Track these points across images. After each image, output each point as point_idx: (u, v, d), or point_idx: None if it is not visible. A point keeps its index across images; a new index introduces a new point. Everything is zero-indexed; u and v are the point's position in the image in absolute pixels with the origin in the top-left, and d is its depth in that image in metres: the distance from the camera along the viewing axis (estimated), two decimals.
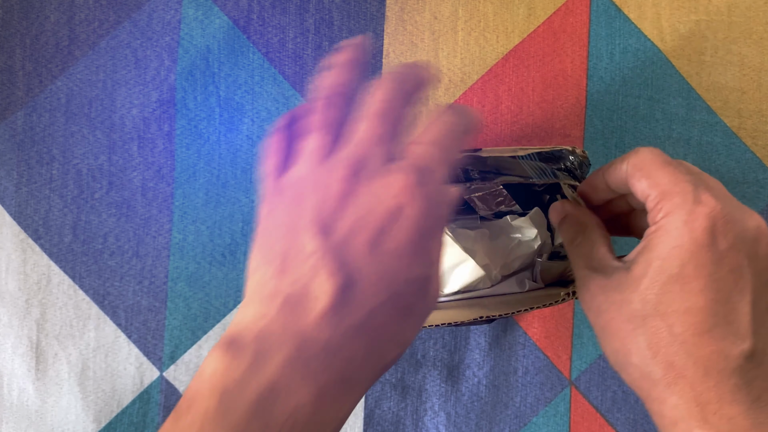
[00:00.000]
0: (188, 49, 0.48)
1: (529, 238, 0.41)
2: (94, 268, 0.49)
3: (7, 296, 0.49)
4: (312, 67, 0.49)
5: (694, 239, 0.27)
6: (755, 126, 0.49)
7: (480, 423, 0.49)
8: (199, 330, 0.49)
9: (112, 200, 0.49)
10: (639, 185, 0.30)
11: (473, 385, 0.49)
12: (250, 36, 0.49)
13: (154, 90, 0.49)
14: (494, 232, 0.42)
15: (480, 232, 0.41)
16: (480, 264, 0.40)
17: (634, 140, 0.48)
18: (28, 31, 0.49)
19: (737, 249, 0.27)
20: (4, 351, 0.49)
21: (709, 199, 0.27)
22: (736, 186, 0.49)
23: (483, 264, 0.41)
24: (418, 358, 0.49)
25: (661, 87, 0.48)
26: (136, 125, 0.49)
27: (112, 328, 0.49)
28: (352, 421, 0.49)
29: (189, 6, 0.48)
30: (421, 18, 0.49)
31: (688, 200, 0.27)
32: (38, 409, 0.49)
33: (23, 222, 0.48)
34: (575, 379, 0.49)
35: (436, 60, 0.49)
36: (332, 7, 0.49)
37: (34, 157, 0.49)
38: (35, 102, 0.49)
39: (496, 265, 0.41)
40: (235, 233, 0.49)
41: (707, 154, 0.49)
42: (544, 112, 0.49)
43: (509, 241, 0.41)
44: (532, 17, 0.49)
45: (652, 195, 0.29)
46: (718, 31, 0.49)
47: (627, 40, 0.48)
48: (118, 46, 0.49)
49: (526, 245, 0.41)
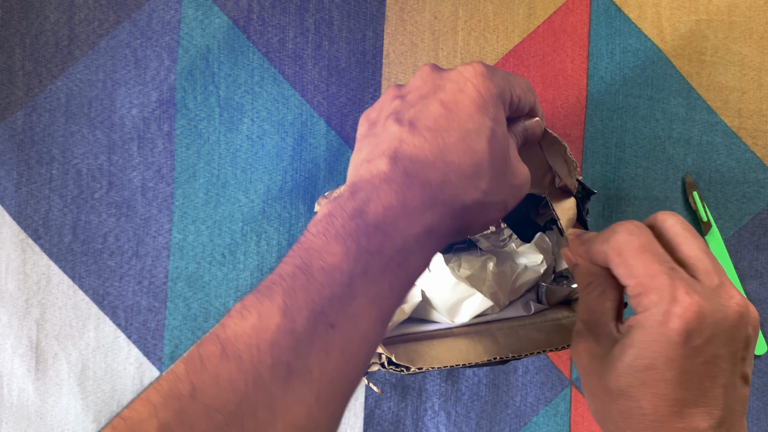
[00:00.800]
0: (188, 49, 0.48)
1: (535, 263, 0.42)
2: (94, 268, 0.49)
3: (7, 296, 0.48)
4: (312, 67, 0.49)
5: (667, 338, 0.28)
6: (755, 126, 0.49)
7: (480, 422, 0.49)
8: (199, 330, 0.49)
9: (112, 200, 0.49)
10: (618, 271, 0.31)
11: (473, 385, 0.49)
12: (250, 36, 0.49)
13: (154, 90, 0.48)
14: (501, 259, 0.43)
15: (487, 258, 0.42)
16: (488, 293, 0.41)
17: (634, 140, 0.48)
18: (28, 31, 0.49)
19: (712, 341, 0.28)
20: (4, 351, 0.49)
21: (684, 298, 0.28)
22: (736, 186, 0.49)
23: (491, 292, 0.41)
24: None
25: (661, 87, 0.48)
26: (136, 125, 0.49)
27: (111, 328, 0.49)
28: (352, 421, 0.49)
29: (189, 6, 0.48)
30: (421, 18, 0.49)
31: (664, 299, 0.28)
32: (38, 409, 0.49)
33: (23, 222, 0.48)
34: (576, 378, 0.49)
35: (436, 60, 0.49)
36: (332, 7, 0.49)
37: (34, 157, 0.49)
38: (35, 102, 0.49)
39: (504, 291, 0.42)
40: (234, 233, 0.49)
41: (707, 154, 0.49)
42: (544, 112, 0.49)
43: (516, 267, 0.42)
44: (533, 17, 0.49)
45: (631, 285, 0.30)
46: (719, 31, 0.49)
47: (627, 39, 0.48)
48: (118, 46, 0.49)
49: (532, 270, 0.42)
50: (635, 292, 0.30)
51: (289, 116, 0.49)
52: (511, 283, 0.42)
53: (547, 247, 0.43)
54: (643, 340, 0.29)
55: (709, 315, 0.28)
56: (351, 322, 0.26)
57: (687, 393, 0.29)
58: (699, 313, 0.28)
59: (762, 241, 0.49)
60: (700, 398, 0.29)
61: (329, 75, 0.49)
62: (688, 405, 0.29)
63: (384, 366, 0.35)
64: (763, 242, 0.49)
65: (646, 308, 0.29)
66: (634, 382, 0.29)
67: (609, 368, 0.30)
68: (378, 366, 0.35)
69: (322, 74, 0.49)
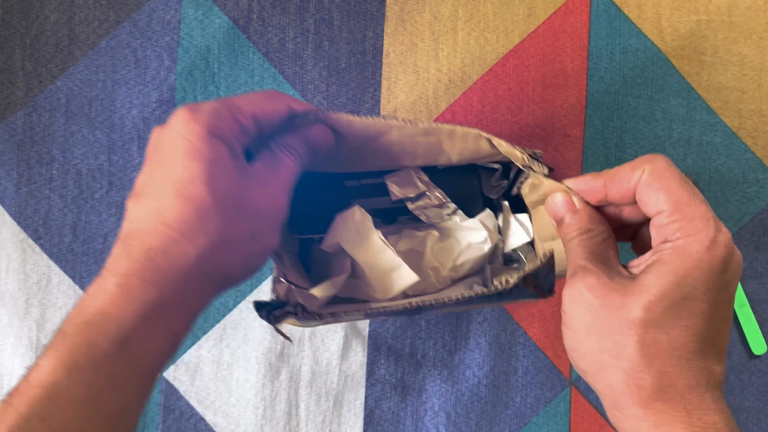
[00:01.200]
0: (188, 49, 0.48)
1: (479, 240, 0.40)
2: (94, 268, 0.49)
3: (7, 296, 0.48)
4: (312, 67, 0.49)
5: (711, 266, 0.28)
6: (755, 126, 0.49)
7: (480, 423, 0.49)
8: (198, 330, 0.49)
9: (112, 200, 0.49)
10: (655, 196, 0.30)
11: (473, 385, 0.49)
12: (250, 36, 0.49)
13: (154, 90, 0.48)
14: (443, 235, 0.41)
15: (428, 233, 0.40)
16: (428, 267, 0.39)
17: (634, 140, 0.48)
18: (28, 31, 0.49)
19: (734, 281, 0.30)
20: (4, 351, 0.49)
21: (726, 231, 0.29)
22: (736, 186, 0.49)
23: (431, 266, 0.39)
24: (418, 358, 0.49)
25: (661, 87, 0.48)
26: (136, 125, 0.49)
27: None
28: (352, 421, 0.49)
29: (189, 6, 0.48)
30: (421, 18, 0.49)
31: (711, 227, 0.29)
32: None
33: (23, 222, 0.48)
34: (575, 379, 0.49)
35: (436, 60, 0.49)
36: (332, 7, 0.49)
37: (34, 157, 0.49)
38: (35, 102, 0.49)
39: (445, 267, 0.40)
40: None
41: (707, 154, 0.49)
42: (544, 112, 0.49)
43: (458, 243, 0.40)
44: (532, 17, 0.49)
45: (667, 211, 0.30)
46: (718, 31, 0.49)
47: (627, 40, 0.48)
48: (118, 46, 0.49)
49: (476, 248, 0.40)
50: (673, 218, 0.29)
51: None
52: (453, 260, 0.40)
53: (492, 224, 0.40)
54: (685, 267, 0.28)
55: (736, 254, 0.29)
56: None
57: (711, 330, 0.29)
58: (733, 248, 0.29)
59: (762, 241, 0.49)
60: (717, 339, 0.29)
61: (329, 75, 0.49)
62: (709, 344, 0.29)
63: (297, 315, 0.34)
64: (763, 242, 0.49)
65: (689, 234, 0.29)
66: (668, 312, 0.29)
67: (634, 300, 0.29)
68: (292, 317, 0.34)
69: (322, 74, 0.49)
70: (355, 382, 0.49)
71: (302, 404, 0.49)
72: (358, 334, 0.49)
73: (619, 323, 0.29)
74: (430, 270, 0.40)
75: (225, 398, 0.49)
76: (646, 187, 0.30)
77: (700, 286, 0.28)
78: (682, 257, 0.29)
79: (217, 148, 0.29)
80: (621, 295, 0.29)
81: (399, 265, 0.38)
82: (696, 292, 0.28)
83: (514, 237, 0.40)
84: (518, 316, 0.49)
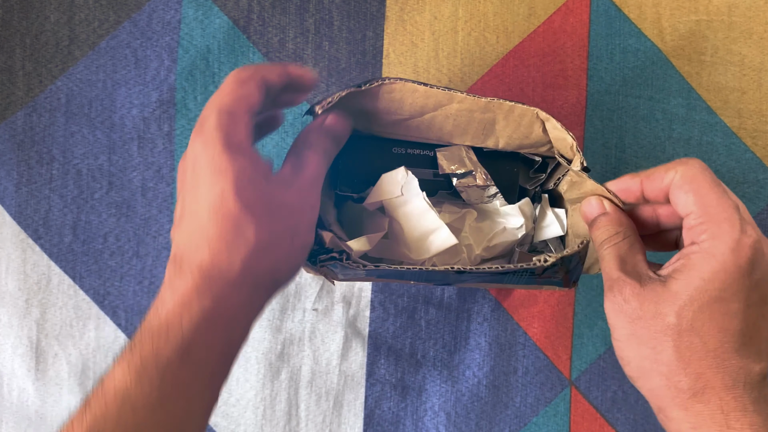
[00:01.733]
0: (188, 49, 0.48)
1: (515, 226, 0.41)
2: (94, 268, 0.49)
3: (7, 296, 0.48)
4: (312, 67, 0.49)
5: (738, 267, 0.29)
6: (755, 126, 0.49)
7: (480, 423, 0.49)
8: None
9: (112, 200, 0.49)
10: (684, 198, 0.31)
11: (473, 385, 0.49)
12: (250, 36, 0.49)
13: (154, 90, 0.49)
14: (481, 215, 0.42)
15: (467, 212, 0.41)
16: (462, 244, 0.40)
17: (634, 140, 0.48)
18: (28, 31, 0.49)
19: (765, 280, 0.30)
20: (4, 351, 0.49)
21: (753, 232, 0.30)
22: (736, 186, 0.49)
23: (466, 244, 0.41)
24: (418, 358, 0.49)
25: (661, 87, 0.48)
26: (136, 125, 0.49)
27: (112, 328, 0.49)
28: (352, 421, 0.49)
29: (189, 6, 0.48)
30: (421, 18, 0.49)
31: (735, 229, 0.29)
32: (38, 409, 0.49)
33: (23, 222, 0.48)
34: (575, 379, 0.49)
35: (436, 60, 0.49)
36: (332, 7, 0.49)
37: (34, 157, 0.49)
38: (35, 102, 0.49)
39: (479, 246, 0.41)
40: None
41: (707, 154, 0.49)
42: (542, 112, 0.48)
43: (495, 226, 0.41)
44: (532, 17, 0.49)
45: (696, 213, 0.31)
46: (718, 31, 0.49)
47: (627, 40, 0.48)
48: (118, 46, 0.49)
49: (510, 233, 0.41)
50: (700, 221, 0.30)
51: (289, 116, 0.49)
52: (487, 241, 0.41)
53: (530, 212, 0.42)
54: (712, 270, 0.29)
55: (765, 254, 0.30)
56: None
57: (747, 328, 0.30)
58: (760, 247, 0.30)
59: None
60: (755, 337, 0.30)
61: (329, 75, 0.49)
62: (746, 342, 0.30)
63: (342, 261, 0.34)
64: None
65: (714, 236, 0.29)
66: (699, 315, 0.29)
67: (667, 306, 0.30)
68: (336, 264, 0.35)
69: (322, 74, 0.49)
70: (355, 382, 0.49)
71: (302, 404, 0.49)
72: (358, 334, 0.49)
73: (655, 330, 0.30)
74: (464, 247, 0.41)
75: (225, 398, 0.49)
76: (677, 189, 0.31)
77: (729, 287, 0.29)
78: (708, 260, 0.30)
79: (238, 159, 0.30)
80: (654, 303, 0.31)
81: (440, 226, 0.39)
82: (725, 294, 0.29)
83: (548, 228, 0.42)
84: (518, 316, 0.49)
